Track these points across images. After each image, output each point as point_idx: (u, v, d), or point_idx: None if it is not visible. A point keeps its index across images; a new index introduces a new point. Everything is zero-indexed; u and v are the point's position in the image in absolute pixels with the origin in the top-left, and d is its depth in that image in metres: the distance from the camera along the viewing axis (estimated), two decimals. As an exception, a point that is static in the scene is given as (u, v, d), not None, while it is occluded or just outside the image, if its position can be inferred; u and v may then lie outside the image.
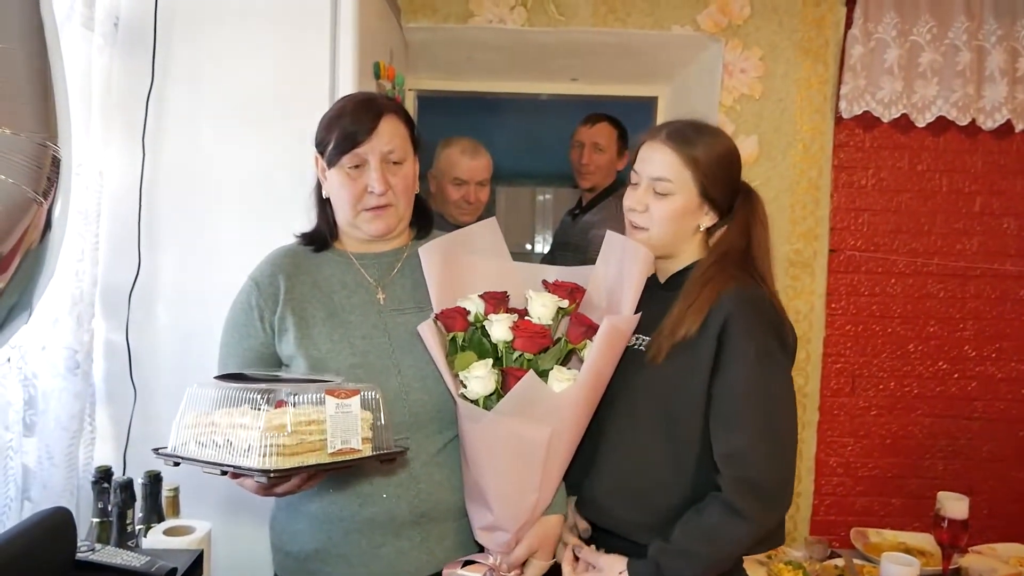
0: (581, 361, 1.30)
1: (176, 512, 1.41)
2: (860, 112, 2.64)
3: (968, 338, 2.83)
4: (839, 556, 1.87)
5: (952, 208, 2.80)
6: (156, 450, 1.14)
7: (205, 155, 1.70)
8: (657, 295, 1.37)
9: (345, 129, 1.30)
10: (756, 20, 2.64)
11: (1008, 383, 2.84)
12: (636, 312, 1.30)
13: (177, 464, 1.12)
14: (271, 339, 1.36)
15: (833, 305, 2.81)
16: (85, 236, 1.59)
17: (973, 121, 2.66)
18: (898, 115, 2.64)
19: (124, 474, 1.51)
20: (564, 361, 1.32)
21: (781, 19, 2.64)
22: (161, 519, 1.34)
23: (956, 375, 2.84)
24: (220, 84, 1.68)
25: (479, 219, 2.64)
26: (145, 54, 1.64)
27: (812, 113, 2.68)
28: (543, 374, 1.27)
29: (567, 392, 1.23)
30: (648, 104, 3.22)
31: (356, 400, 1.13)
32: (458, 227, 2.46)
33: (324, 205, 1.41)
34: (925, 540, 1.93)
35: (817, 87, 2.68)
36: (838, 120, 2.71)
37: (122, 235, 1.67)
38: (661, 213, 1.32)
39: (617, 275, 1.36)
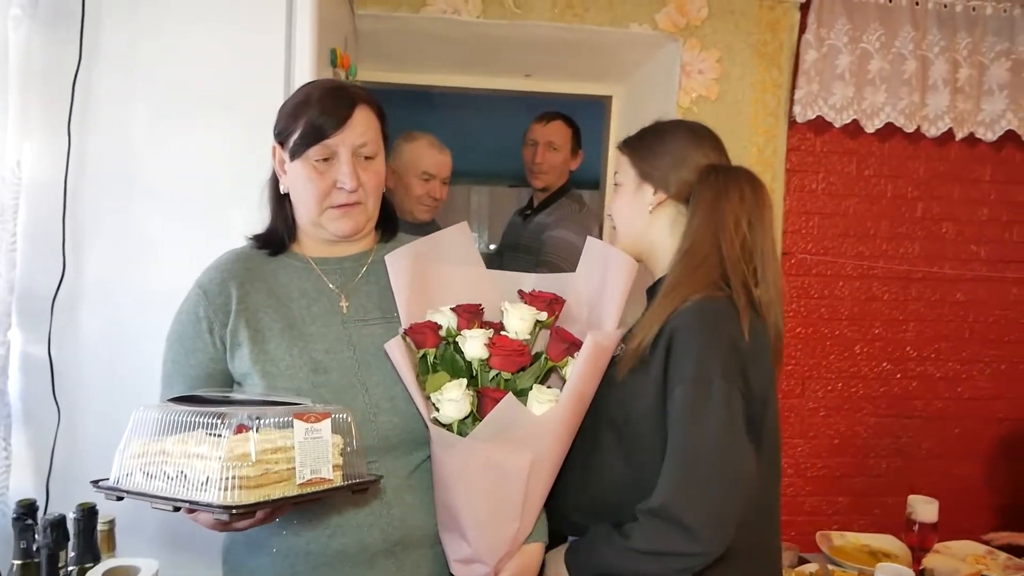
0: (561, 378, 1.22)
1: (111, 548, 1.25)
2: (813, 117, 2.66)
3: (910, 339, 2.90)
4: (807, 561, 1.86)
5: (896, 213, 2.87)
6: (96, 482, 1.01)
7: (139, 146, 1.53)
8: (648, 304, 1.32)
9: (314, 118, 1.18)
10: (713, 21, 2.62)
11: (945, 382, 2.94)
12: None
13: (120, 499, 0.99)
14: (222, 354, 1.23)
15: (785, 308, 2.82)
16: (0, 235, 1.40)
17: (918, 128, 2.73)
18: (849, 120, 2.68)
19: (47, 507, 1.34)
20: (543, 379, 1.24)
21: (738, 21, 2.63)
22: (97, 559, 1.17)
23: (898, 375, 2.91)
24: (158, 66, 1.51)
25: (434, 220, 2.57)
26: (72, 29, 1.46)
27: (767, 116, 2.69)
28: (522, 394, 1.18)
29: (549, 415, 1.15)
30: (601, 103, 3.17)
31: (327, 424, 1.03)
32: (417, 225, 2.40)
33: (281, 203, 1.29)
34: (887, 541, 1.94)
35: (772, 90, 2.68)
36: (791, 124, 2.72)
37: (43, 234, 1.48)
38: (614, 205, 1.35)
39: (599, 285, 1.28)
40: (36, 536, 1.14)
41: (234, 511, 0.89)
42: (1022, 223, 2.92)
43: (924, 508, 1.69)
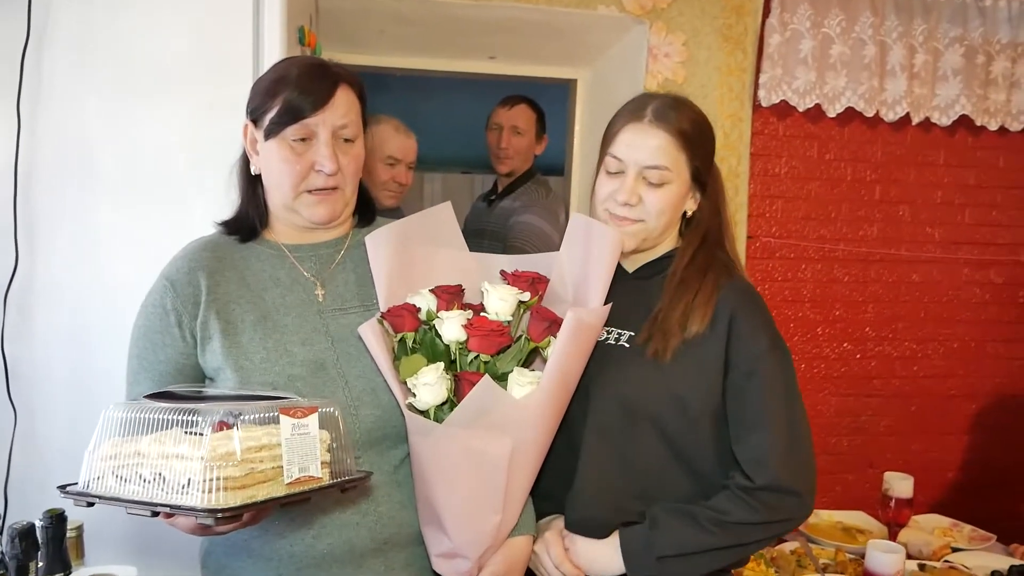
0: (544, 361, 1.18)
1: (80, 556, 1.19)
2: (777, 101, 2.69)
3: (869, 320, 2.97)
4: (784, 540, 1.88)
5: (855, 196, 2.93)
6: (63, 487, 0.94)
7: (96, 127, 1.45)
8: (628, 285, 1.28)
9: (294, 96, 1.12)
10: (679, 4, 2.61)
11: (902, 361, 3.02)
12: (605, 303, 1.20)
13: (91, 504, 0.92)
14: (192, 348, 1.17)
15: (749, 291, 2.86)
16: (-56, 224, 1.31)
17: (876, 113, 2.78)
18: (811, 105, 2.71)
19: (5, 514, 1.26)
20: (527, 362, 1.20)
21: (703, 4, 2.62)
22: (67, 568, 1.11)
23: (858, 355, 2.98)
24: (116, 41, 1.43)
25: (399, 207, 2.51)
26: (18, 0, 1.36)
27: (732, 100, 2.70)
28: (503, 378, 1.14)
29: (530, 397, 1.11)
30: (565, 87, 3.14)
31: (314, 418, 0.98)
32: (381, 211, 2.34)
33: (252, 185, 1.22)
34: (859, 518, 1.99)
35: (737, 74, 2.69)
36: (755, 108, 2.74)
37: (-8, 222, 1.40)
38: (659, 204, 1.22)
39: (583, 262, 1.24)
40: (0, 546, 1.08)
41: (220, 515, 0.84)
42: (973, 206, 3.02)
43: (900, 484, 1.73)
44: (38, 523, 1.09)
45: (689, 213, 1.29)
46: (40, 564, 1.09)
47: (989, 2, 2.82)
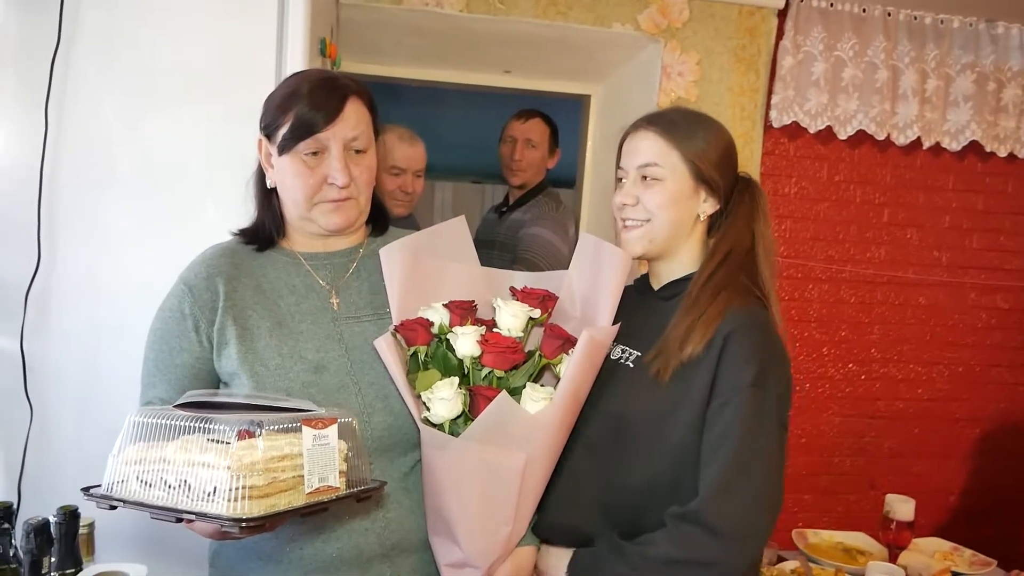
0: (555, 376, 1.21)
1: (90, 553, 1.21)
2: (789, 122, 2.71)
3: (874, 341, 2.98)
4: (784, 559, 1.89)
5: (864, 218, 2.94)
6: (86, 490, 0.96)
7: (122, 130, 1.46)
8: (652, 304, 1.29)
9: (304, 111, 1.14)
10: (694, 24, 2.64)
11: (906, 383, 3.03)
12: (617, 322, 1.21)
13: (113, 507, 0.94)
14: (208, 353, 1.19)
15: (756, 309, 2.87)
16: (-29, 224, 1.33)
17: (887, 136, 2.79)
18: (823, 127, 2.73)
19: (18, 509, 1.27)
20: (536, 377, 1.22)
21: (718, 25, 2.65)
22: (78, 564, 1.13)
23: (863, 376, 2.99)
24: (143, 50, 1.45)
25: (411, 215, 2.53)
26: (51, 7, 1.39)
27: (743, 120, 2.72)
28: (515, 392, 1.16)
29: (544, 413, 1.13)
30: (577, 102, 3.17)
31: (334, 429, 1.00)
32: (394, 220, 2.35)
33: (268, 197, 1.25)
34: (860, 539, 1.99)
35: (749, 95, 2.72)
36: (766, 128, 2.76)
37: (18, 222, 1.42)
38: (655, 201, 1.23)
39: (591, 281, 1.26)
40: (12, 541, 1.09)
41: (244, 524, 0.85)
42: (981, 231, 3.03)
43: (901, 507, 1.73)
44: (52, 519, 1.11)
45: (703, 216, 1.26)
46: (53, 559, 1.10)
47: (1001, 30, 2.84)
